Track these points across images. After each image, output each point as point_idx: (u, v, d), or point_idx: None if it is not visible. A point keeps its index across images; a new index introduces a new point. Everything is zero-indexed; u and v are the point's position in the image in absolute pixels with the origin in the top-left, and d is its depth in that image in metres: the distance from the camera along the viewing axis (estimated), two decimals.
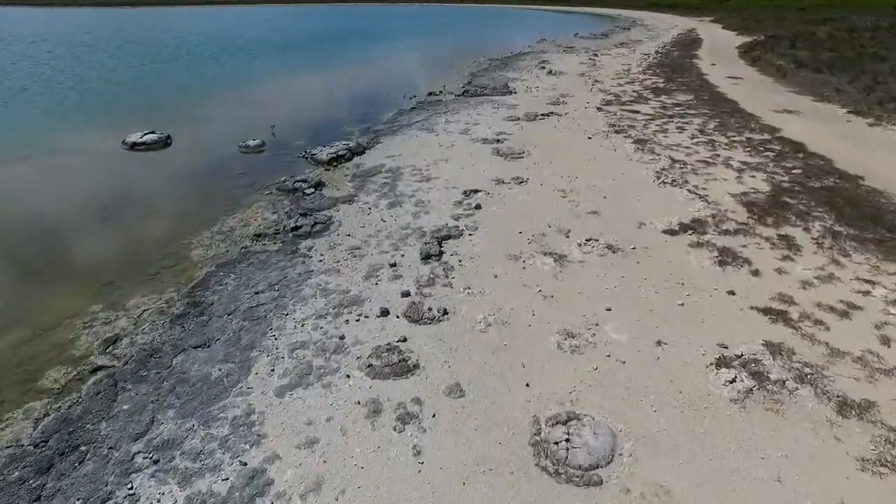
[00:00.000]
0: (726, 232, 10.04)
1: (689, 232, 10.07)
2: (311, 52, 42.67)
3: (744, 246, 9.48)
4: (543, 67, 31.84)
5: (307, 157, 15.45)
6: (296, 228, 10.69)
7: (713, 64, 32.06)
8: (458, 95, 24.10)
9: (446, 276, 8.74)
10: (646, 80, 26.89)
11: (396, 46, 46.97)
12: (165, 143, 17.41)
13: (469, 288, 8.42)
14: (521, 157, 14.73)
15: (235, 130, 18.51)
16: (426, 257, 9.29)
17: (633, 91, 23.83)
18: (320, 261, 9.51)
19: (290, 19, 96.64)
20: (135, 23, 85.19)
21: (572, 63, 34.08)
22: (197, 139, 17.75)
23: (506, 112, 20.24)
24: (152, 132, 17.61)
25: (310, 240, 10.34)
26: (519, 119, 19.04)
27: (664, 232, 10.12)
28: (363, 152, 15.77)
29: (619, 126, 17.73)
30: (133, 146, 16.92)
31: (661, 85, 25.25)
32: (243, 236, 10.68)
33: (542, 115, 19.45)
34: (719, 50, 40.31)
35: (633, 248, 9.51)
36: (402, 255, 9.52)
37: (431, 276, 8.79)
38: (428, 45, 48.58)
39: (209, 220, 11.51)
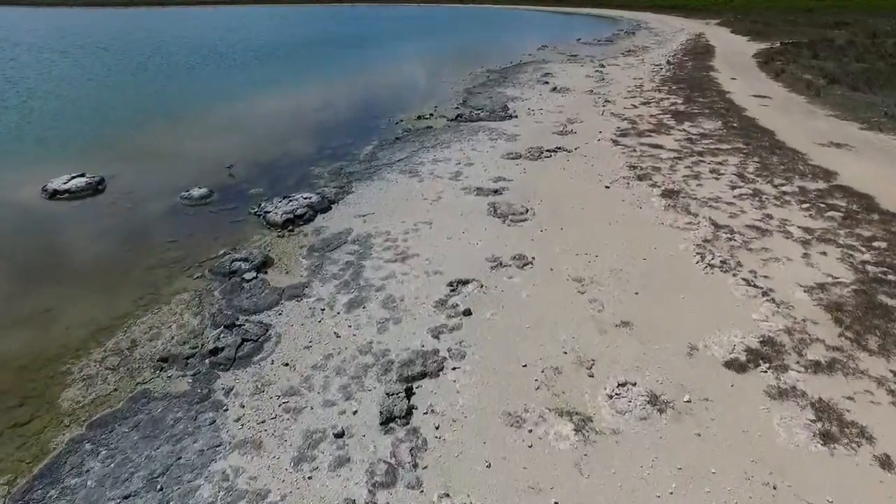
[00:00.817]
0: (816, 366, 7.10)
1: (763, 365, 7.14)
2: (293, 62, 39.63)
3: (849, 398, 6.56)
4: (546, 82, 28.85)
5: (259, 216, 12.51)
6: (216, 352, 7.74)
7: (733, 78, 29.08)
8: (451, 120, 21.12)
9: (414, 466, 5.81)
10: (662, 99, 23.91)
11: (387, 55, 43.94)
12: (96, 189, 14.48)
13: (447, 494, 5.47)
14: (525, 219, 11.78)
15: (185, 171, 15.61)
16: (388, 420, 6.35)
17: (651, 116, 20.85)
18: (237, 420, 6.58)
19: (279, 21, 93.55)
20: (119, 24, 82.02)
21: (578, 76, 31.09)
22: (134, 185, 14.78)
23: (505, 145, 17.30)
24: (82, 175, 14.69)
25: (231, 373, 7.40)
26: (521, 156, 16.10)
27: (726, 365, 7.19)
28: (328, 208, 12.82)
29: (642, 168, 14.78)
30: (54, 194, 13.98)
31: (682, 107, 22.27)
32: (144, 360, 7.75)
33: (547, 150, 16.49)
34: (735, 60, 37.32)
35: (688, 402, 6.58)
36: (355, 412, 6.59)
37: (393, 462, 5.86)
38: (421, 52, 45.57)
39: (107, 327, 8.59)
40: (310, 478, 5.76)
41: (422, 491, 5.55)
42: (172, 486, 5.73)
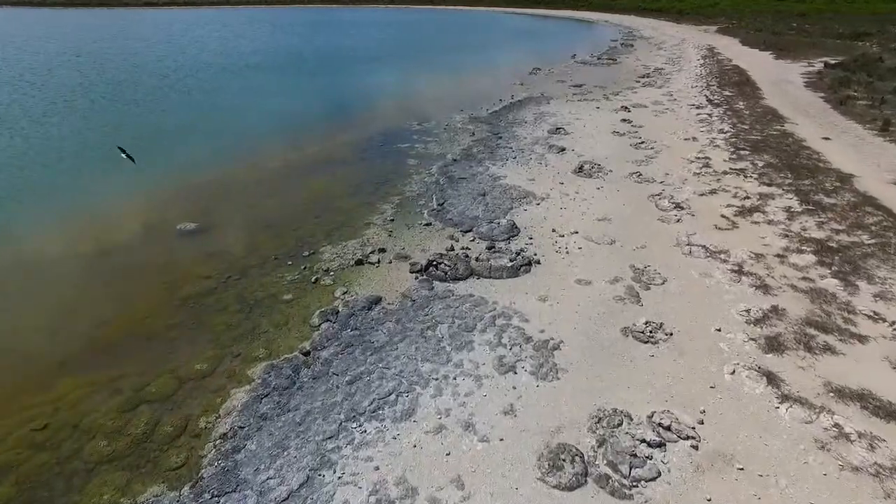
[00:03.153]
0: None
1: None
2: (195, 105, 29.08)
3: None
4: (562, 148, 19.48)
5: None
6: None
7: (826, 138, 20.20)
8: (417, 273, 11.44)
9: None
10: (764, 198, 14.75)
11: (329, 91, 33.53)
12: None
13: None
14: None
15: None
16: None
17: (778, 255, 11.66)
18: None
19: (218, 29, 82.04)
20: (37, 31, 69.05)
21: (601, 131, 21.84)
22: None
23: (534, 397, 7.94)
24: None
25: None
26: (586, 468, 6.66)
27: None
28: None
29: None
30: None
31: (809, 222, 13.16)
32: None
33: (641, 440, 7.02)
34: (792, 95, 28.64)
35: None
36: None
37: None
38: (378, 86, 35.46)
39: None
40: None
41: None
42: None
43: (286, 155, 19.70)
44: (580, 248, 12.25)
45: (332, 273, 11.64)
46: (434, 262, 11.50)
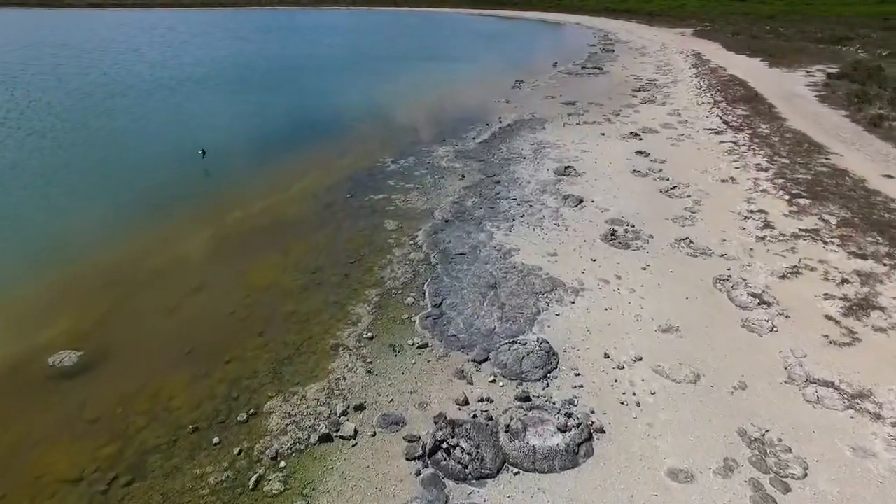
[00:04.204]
0: None
1: None
2: (121, 140, 23.94)
3: None
4: (579, 200, 15.59)
5: None
6: None
7: (889, 176, 16.97)
8: (419, 464, 7.22)
9: None
10: (864, 279, 11.21)
11: (287, 118, 28.61)
12: None
13: None
14: None
15: None
16: None
17: None
18: None
19: (174, 35, 75.33)
20: None
21: (620, 173, 18.07)
22: None
23: None
24: None
25: None
26: None
27: None
28: None
29: None
30: None
31: None
32: None
33: None
34: (808, 111, 25.74)
35: None
36: None
37: None
38: (345, 104, 30.94)
39: None
40: None
41: None
42: None
43: (221, 216, 15.06)
44: (654, 394, 8.24)
45: (282, 464, 7.27)
46: (443, 444, 7.26)
